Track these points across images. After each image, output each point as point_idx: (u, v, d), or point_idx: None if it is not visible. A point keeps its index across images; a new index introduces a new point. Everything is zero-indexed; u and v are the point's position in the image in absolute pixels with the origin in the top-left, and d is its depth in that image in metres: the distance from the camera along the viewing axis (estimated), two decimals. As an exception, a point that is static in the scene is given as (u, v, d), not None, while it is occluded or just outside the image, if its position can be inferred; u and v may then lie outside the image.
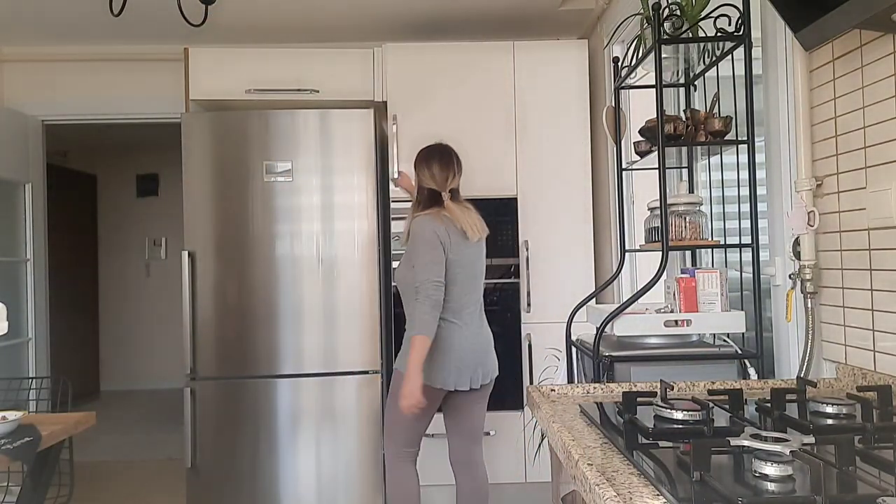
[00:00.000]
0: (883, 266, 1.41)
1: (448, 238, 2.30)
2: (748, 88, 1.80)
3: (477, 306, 2.39)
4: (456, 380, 2.29)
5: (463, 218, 2.34)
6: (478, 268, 2.40)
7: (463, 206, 2.39)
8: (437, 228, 2.29)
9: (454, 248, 2.31)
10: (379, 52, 3.15)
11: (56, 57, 3.64)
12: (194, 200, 2.96)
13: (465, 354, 2.30)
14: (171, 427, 4.92)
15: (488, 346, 2.40)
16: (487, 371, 2.37)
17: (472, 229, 2.34)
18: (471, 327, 2.34)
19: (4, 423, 1.93)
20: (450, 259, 2.30)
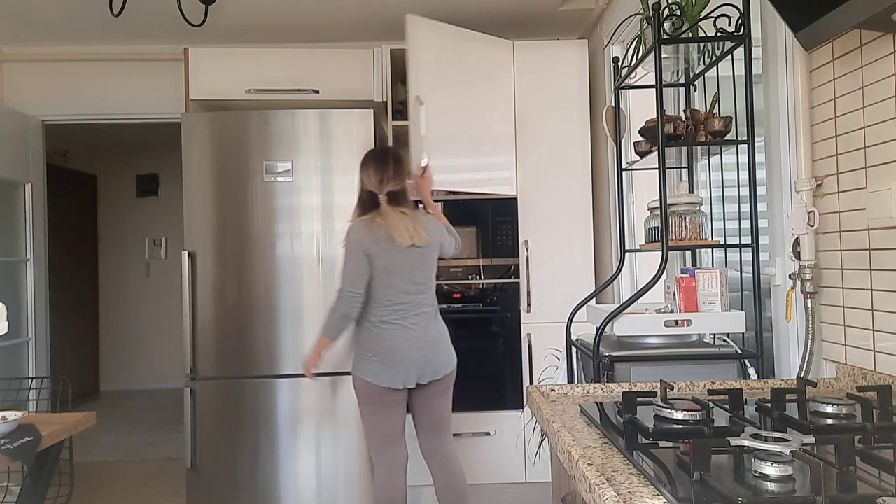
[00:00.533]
0: (883, 266, 1.41)
1: (375, 246, 2.33)
2: (748, 88, 1.80)
3: (423, 308, 2.39)
4: (403, 379, 2.34)
5: (394, 224, 2.32)
6: (419, 274, 2.38)
7: (399, 212, 2.36)
8: (362, 237, 2.34)
9: (383, 255, 2.34)
10: (379, 51, 3.15)
11: (56, 57, 3.64)
12: (194, 200, 2.96)
13: (410, 353, 2.34)
14: (171, 427, 4.92)
15: (438, 344, 2.41)
16: (438, 368, 2.39)
17: (402, 236, 2.31)
18: (416, 328, 2.36)
19: (4, 423, 1.94)
20: (380, 265, 2.34)
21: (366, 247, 2.34)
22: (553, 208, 3.15)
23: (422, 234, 2.35)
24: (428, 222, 2.43)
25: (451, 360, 2.45)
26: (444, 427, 2.52)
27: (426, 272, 2.41)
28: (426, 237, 2.37)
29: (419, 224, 2.37)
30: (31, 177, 3.66)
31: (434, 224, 2.46)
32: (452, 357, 2.46)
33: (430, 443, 2.53)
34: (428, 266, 2.42)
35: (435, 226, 2.45)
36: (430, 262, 2.42)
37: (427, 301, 2.42)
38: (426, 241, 2.36)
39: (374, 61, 3.16)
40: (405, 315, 2.36)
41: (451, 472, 2.51)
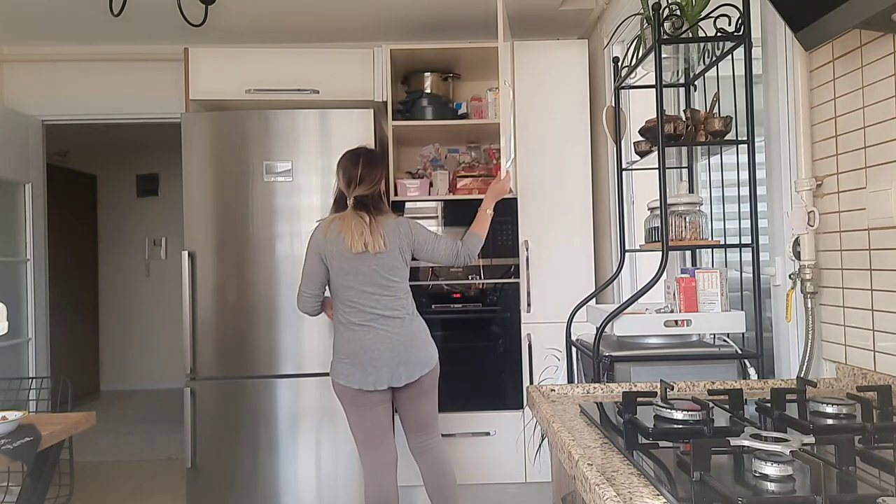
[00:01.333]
0: (883, 266, 1.41)
1: (329, 247, 2.37)
2: (748, 88, 1.80)
3: (393, 311, 2.37)
4: (374, 380, 2.34)
5: (349, 229, 2.33)
6: (381, 280, 2.37)
7: (359, 216, 2.35)
8: (318, 238, 2.40)
9: (338, 257, 2.36)
10: (379, 51, 3.15)
11: (56, 57, 3.64)
12: (194, 200, 2.96)
13: (379, 355, 2.34)
14: (171, 427, 4.92)
15: (411, 345, 2.38)
16: (413, 370, 2.37)
17: (355, 242, 2.31)
18: (385, 329, 2.36)
19: (4, 423, 1.94)
20: (336, 266, 2.37)
21: (320, 248, 2.39)
22: (553, 208, 3.15)
23: (378, 243, 2.33)
24: (393, 228, 2.39)
25: (427, 360, 2.41)
26: (429, 427, 2.53)
27: (387, 277, 2.38)
28: (381, 246, 2.34)
29: (378, 231, 2.35)
30: (31, 177, 3.66)
31: (402, 230, 2.42)
32: (430, 357, 2.43)
33: (417, 441, 2.54)
34: (390, 270, 2.38)
35: (403, 232, 2.41)
36: (388, 267, 2.38)
37: (397, 304, 2.39)
38: (381, 249, 2.34)
39: (374, 61, 3.15)
40: (373, 317, 2.36)
41: (439, 469, 2.52)
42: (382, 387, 2.35)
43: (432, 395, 2.50)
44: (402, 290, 2.42)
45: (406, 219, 2.51)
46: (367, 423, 2.41)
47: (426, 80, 3.28)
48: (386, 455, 2.45)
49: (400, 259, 2.41)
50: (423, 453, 2.54)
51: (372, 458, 2.44)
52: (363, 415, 2.40)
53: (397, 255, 2.40)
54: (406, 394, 2.44)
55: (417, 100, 3.21)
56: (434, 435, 2.55)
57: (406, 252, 2.44)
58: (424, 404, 2.48)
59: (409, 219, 2.54)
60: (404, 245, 2.42)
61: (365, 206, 2.38)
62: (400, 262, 2.42)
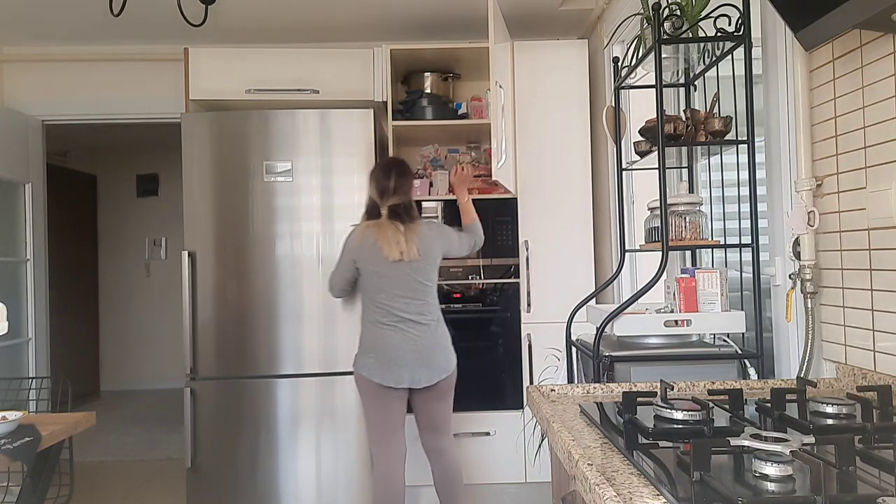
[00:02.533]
0: (883, 266, 1.41)
1: (363, 253, 2.48)
2: (748, 88, 1.80)
3: (420, 315, 2.47)
4: (396, 378, 2.43)
5: (385, 237, 2.43)
6: (413, 285, 2.47)
7: (395, 226, 2.45)
8: (352, 243, 2.51)
9: (372, 262, 2.47)
10: (379, 51, 3.15)
11: (56, 57, 3.64)
12: (194, 200, 2.96)
13: (403, 355, 2.43)
14: (171, 427, 4.92)
15: (433, 350, 2.48)
16: (433, 374, 2.47)
17: (391, 250, 2.42)
18: (411, 332, 2.45)
19: (4, 423, 1.93)
20: (370, 270, 2.48)
21: (354, 253, 2.49)
22: (553, 208, 3.15)
23: (412, 251, 2.44)
24: (426, 235, 2.50)
25: (447, 365, 2.51)
26: (443, 428, 2.61)
27: (420, 282, 2.48)
28: (416, 253, 2.44)
29: (413, 240, 2.45)
30: (31, 177, 3.66)
31: (433, 235, 2.53)
32: (450, 363, 2.52)
33: (430, 441, 2.63)
34: (422, 276, 2.48)
35: (434, 237, 2.52)
36: (422, 273, 2.48)
37: (425, 309, 2.49)
38: (415, 257, 2.45)
39: (374, 61, 3.15)
40: (401, 320, 2.45)
41: (448, 468, 2.61)
42: (402, 386, 2.44)
43: (448, 399, 2.59)
44: (431, 295, 2.52)
45: (436, 223, 2.66)
46: (382, 416, 2.50)
47: (426, 80, 3.28)
48: (395, 448, 2.53)
49: (433, 264, 2.53)
50: (435, 453, 2.62)
51: (383, 451, 2.52)
52: (379, 408, 2.49)
53: (430, 261, 2.51)
54: (423, 395, 2.53)
55: (417, 100, 3.21)
56: (447, 436, 2.63)
57: (439, 256, 2.55)
58: (440, 407, 2.57)
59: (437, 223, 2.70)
60: (437, 249, 2.53)
61: (399, 214, 2.48)
62: (432, 267, 2.53)
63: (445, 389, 2.55)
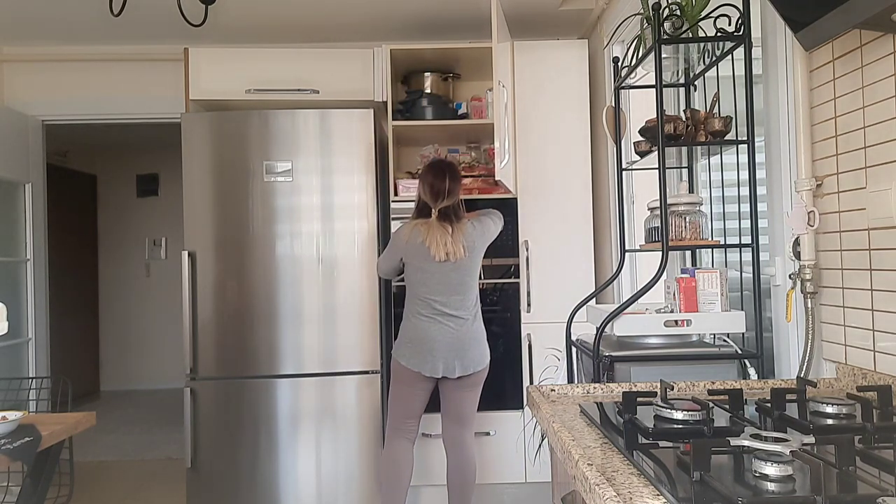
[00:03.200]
0: (883, 266, 1.41)
1: (410, 250, 2.57)
2: (748, 88, 1.80)
3: (459, 310, 2.57)
4: (431, 367, 2.54)
5: (433, 238, 2.53)
6: (455, 281, 2.57)
7: (443, 227, 2.54)
8: (400, 240, 2.61)
9: (418, 259, 2.57)
10: (379, 51, 3.15)
11: (56, 57, 3.64)
12: (194, 200, 2.96)
13: (438, 346, 2.54)
14: (171, 427, 4.92)
15: (470, 343, 2.59)
16: (467, 365, 2.57)
17: (438, 251, 2.51)
18: (449, 325, 2.56)
19: (4, 423, 1.93)
20: (415, 265, 2.59)
21: (402, 251, 2.60)
22: (553, 208, 3.15)
23: (458, 251, 2.54)
24: (471, 234, 2.59)
25: (481, 359, 2.61)
26: (467, 420, 2.69)
27: (462, 279, 2.58)
28: (462, 253, 2.55)
29: (459, 240, 2.55)
30: (31, 177, 3.66)
31: (478, 233, 2.62)
32: (484, 357, 2.63)
33: (452, 432, 2.70)
34: (464, 273, 2.58)
35: (478, 234, 2.62)
36: (466, 270, 2.58)
37: (464, 304, 2.59)
38: (460, 258, 2.55)
39: (374, 61, 3.15)
40: (440, 313, 2.56)
41: (464, 464, 2.69)
42: (437, 374, 2.55)
43: (476, 392, 2.67)
44: (472, 290, 2.63)
45: (481, 218, 2.67)
46: (407, 401, 2.62)
47: (426, 80, 3.28)
48: (412, 430, 2.67)
49: (476, 261, 2.63)
50: (454, 445, 2.70)
51: (397, 431, 2.64)
52: (407, 395, 2.61)
53: (474, 258, 2.62)
54: (454, 385, 2.62)
55: (417, 100, 3.20)
56: (469, 430, 2.71)
57: (482, 251, 2.66)
58: (468, 397, 2.66)
59: (483, 217, 2.69)
60: (481, 246, 2.64)
61: (448, 216, 2.58)
62: (476, 264, 2.63)
63: (476, 382, 2.64)
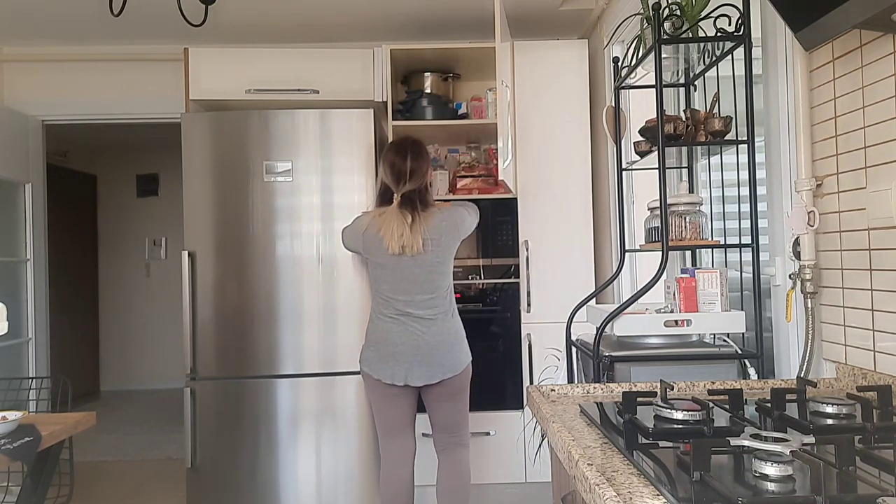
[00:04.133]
0: (883, 266, 1.41)
1: (366, 242, 2.37)
2: (748, 88, 1.80)
3: (427, 310, 2.34)
4: (392, 374, 2.33)
5: (388, 228, 2.28)
6: (419, 277, 2.33)
7: (402, 217, 2.28)
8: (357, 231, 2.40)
9: (375, 253, 2.36)
10: (379, 51, 3.15)
11: (56, 57, 3.64)
12: (194, 200, 2.96)
13: (402, 350, 2.32)
14: (171, 427, 4.92)
15: (438, 347, 2.33)
16: (434, 372, 2.33)
17: (392, 243, 2.27)
18: (414, 327, 2.33)
19: (4, 423, 1.93)
20: (372, 261, 2.39)
21: (357, 242, 2.43)
22: (553, 208, 3.15)
23: (416, 244, 2.28)
24: (437, 226, 2.33)
25: (453, 363, 2.37)
26: (453, 430, 2.49)
27: (428, 276, 2.35)
28: (419, 247, 2.29)
29: (419, 231, 2.29)
30: (31, 177, 3.66)
31: (447, 225, 2.35)
32: (457, 361, 2.38)
33: (441, 442, 2.54)
34: (429, 270, 2.35)
35: (447, 227, 2.35)
36: (431, 266, 2.35)
37: (433, 303, 2.35)
38: (419, 252, 2.29)
39: (374, 61, 3.15)
40: (403, 312, 2.35)
41: (453, 471, 2.50)
42: (399, 383, 2.33)
43: (459, 399, 2.45)
44: (440, 287, 2.36)
45: (454, 208, 2.40)
46: (385, 413, 2.42)
47: (426, 80, 3.28)
48: (402, 448, 2.45)
49: (443, 256, 2.35)
50: (443, 453, 2.53)
51: (389, 449, 2.46)
52: (381, 404, 2.42)
53: (440, 253, 2.35)
54: (432, 394, 2.42)
55: (417, 100, 3.21)
56: (458, 439, 2.51)
57: (452, 247, 2.38)
58: (449, 407, 2.44)
59: (457, 206, 2.41)
60: (450, 240, 2.36)
61: (412, 202, 2.31)
62: (443, 259, 2.36)
63: (455, 389, 2.41)
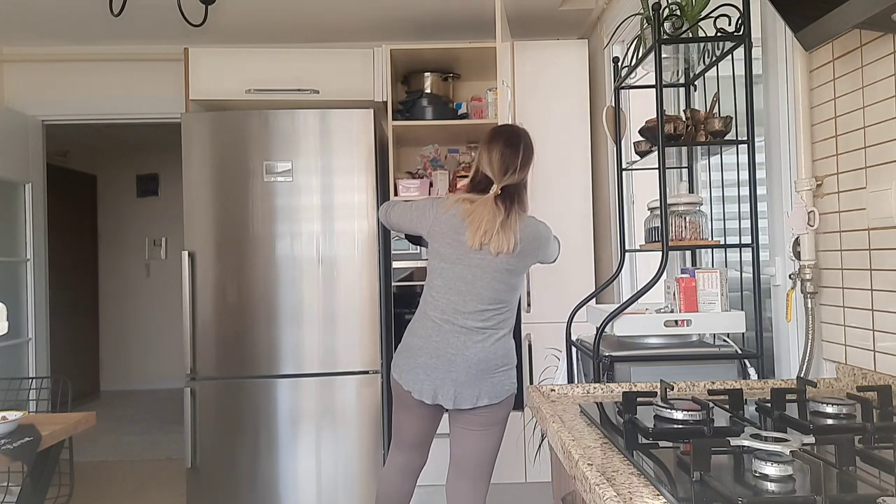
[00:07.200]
0: (883, 266, 1.41)
1: (441, 225, 2.03)
2: (748, 88, 1.80)
3: (477, 321, 2.01)
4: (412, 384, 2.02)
5: (478, 216, 1.97)
6: (479, 281, 2.00)
7: (498, 208, 1.98)
8: (440, 204, 2.06)
9: (446, 239, 2.02)
10: (379, 51, 3.15)
11: (56, 57, 3.64)
12: (194, 200, 2.96)
13: (435, 363, 1.99)
14: (171, 427, 4.92)
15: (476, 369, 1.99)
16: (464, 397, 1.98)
17: (476, 231, 1.96)
18: (455, 339, 1.99)
19: (4, 423, 1.94)
20: (436, 248, 2.05)
21: (432, 219, 2.06)
22: (553, 208, 3.15)
23: (506, 242, 1.97)
24: (530, 231, 2.05)
25: (495, 390, 2.01)
26: (467, 470, 2.08)
27: (489, 283, 2.00)
28: (509, 246, 1.97)
29: (513, 230, 1.98)
30: (31, 177, 3.66)
31: (539, 234, 2.08)
32: (500, 388, 2.03)
33: (451, 483, 2.13)
34: (500, 275, 2.01)
35: (533, 237, 2.06)
36: (504, 272, 2.02)
37: (487, 315, 2.01)
38: (508, 250, 1.97)
39: (374, 61, 3.15)
40: (449, 319, 2.01)
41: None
42: (428, 400, 2.00)
43: (489, 435, 2.06)
44: (501, 302, 2.04)
45: (545, 225, 2.14)
46: (405, 427, 2.14)
47: (426, 80, 3.28)
48: (410, 461, 2.20)
49: (514, 265, 2.03)
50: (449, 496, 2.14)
51: (394, 457, 2.21)
52: (402, 416, 2.12)
53: (522, 261, 2.04)
54: (461, 420, 2.05)
55: (417, 100, 3.20)
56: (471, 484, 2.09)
57: (527, 260, 2.07)
58: (474, 440, 2.06)
59: (548, 227, 2.16)
60: (528, 251, 2.04)
61: (511, 197, 2.01)
62: (513, 269, 2.03)
63: (487, 422, 2.03)
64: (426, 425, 2.14)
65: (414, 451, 2.20)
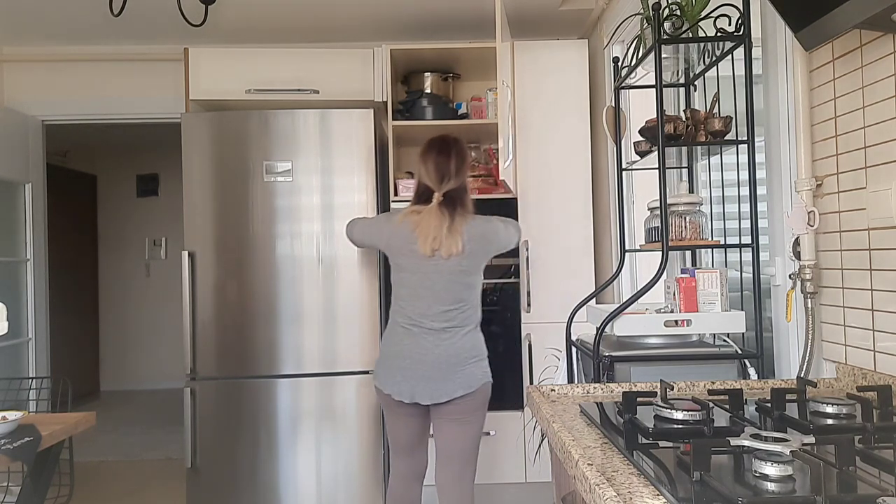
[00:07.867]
0: (883, 266, 1.41)
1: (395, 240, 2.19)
2: (748, 88, 1.80)
3: (443, 322, 2.14)
4: (398, 390, 2.15)
5: (425, 225, 2.11)
6: (445, 283, 2.14)
7: (442, 216, 2.12)
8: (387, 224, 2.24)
9: (402, 253, 2.18)
10: (379, 51, 3.15)
11: (56, 57, 3.64)
12: (194, 200, 2.96)
13: (410, 365, 2.14)
14: (171, 427, 4.92)
15: (447, 364, 2.12)
16: (439, 391, 2.12)
17: (426, 240, 2.10)
18: (426, 339, 2.14)
19: (4, 423, 1.94)
20: (394, 260, 2.22)
21: (385, 234, 2.24)
22: (553, 208, 3.15)
23: (454, 246, 2.10)
24: (476, 230, 2.17)
25: (467, 381, 2.14)
26: (452, 460, 2.20)
27: (448, 285, 2.15)
28: (458, 249, 2.11)
29: (459, 232, 2.12)
30: (31, 177, 3.66)
31: (486, 231, 2.19)
32: (471, 379, 2.15)
33: (439, 474, 2.25)
34: (457, 277, 2.15)
35: (486, 234, 2.19)
36: (460, 274, 2.15)
37: (452, 315, 2.15)
38: (458, 251, 2.11)
39: (374, 61, 3.15)
40: (417, 323, 2.16)
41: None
42: (407, 400, 2.14)
43: (467, 425, 2.18)
44: (465, 299, 2.17)
45: (490, 218, 2.24)
46: (396, 432, 2.27)
47: (426, 80, 3.28)
48: (412, 465, 2.31)
49: (467, 266, 2.16)
50: (440, 488, 2.24)
51: (395, 465, 2.32)
52: (392, 422, 2.27)
53: (474, 261, 2.17)
54: (440, 413, 2.18)
55: (417, 100, 3.21)
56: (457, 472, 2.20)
57: (480, 258, 2.19)
58: (455, 432, 2.17)
59: (493, 218, 2.25)
60: (478, 250, 2.18)
61: (452, 202, 2.14)
62: (468, 269, 2.17)
63: (464, 411, 2.15)
64: (414, 425, 2.26)
65: (411, 456, 2.32)
